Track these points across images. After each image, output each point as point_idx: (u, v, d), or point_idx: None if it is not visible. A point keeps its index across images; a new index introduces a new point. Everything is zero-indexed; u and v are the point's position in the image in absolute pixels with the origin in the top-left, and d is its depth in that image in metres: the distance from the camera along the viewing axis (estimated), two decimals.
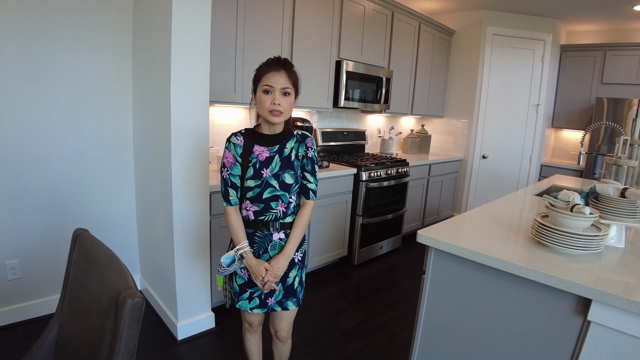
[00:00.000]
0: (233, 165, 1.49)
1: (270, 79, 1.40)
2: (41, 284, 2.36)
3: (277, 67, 1.42)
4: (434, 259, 1.52)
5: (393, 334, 2.47)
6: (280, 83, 1.40)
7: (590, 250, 1.36)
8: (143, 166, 2.46)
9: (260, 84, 1.42)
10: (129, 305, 0.82)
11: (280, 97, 1.41)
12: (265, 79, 1.41)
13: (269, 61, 1.45)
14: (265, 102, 1.41)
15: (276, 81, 1.40)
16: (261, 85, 1.42)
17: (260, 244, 1.53)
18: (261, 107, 1.43)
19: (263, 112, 1.43)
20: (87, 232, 1.25)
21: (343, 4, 3.23)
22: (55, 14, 2.16)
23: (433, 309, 1.54)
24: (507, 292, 1.33)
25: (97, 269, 1.06)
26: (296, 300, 1.60)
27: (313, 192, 1.54)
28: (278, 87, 1.40)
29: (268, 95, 1.40)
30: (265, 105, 1.41)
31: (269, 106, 1.40)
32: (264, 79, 1.41)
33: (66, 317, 1.18)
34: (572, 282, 1.14)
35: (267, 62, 1.44)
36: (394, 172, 3.55)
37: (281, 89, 1.41)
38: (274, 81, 1.40)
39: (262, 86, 1.41)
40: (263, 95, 1.41)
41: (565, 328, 1.20)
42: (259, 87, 1.42)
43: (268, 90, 1.40)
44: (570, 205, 1.46)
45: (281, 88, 1.41)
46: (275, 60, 1.44)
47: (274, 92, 1.40)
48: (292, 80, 1.44)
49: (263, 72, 1.42)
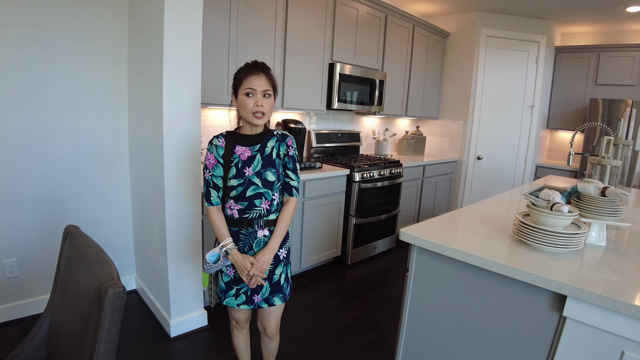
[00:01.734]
0: (215, 166, 1.54)
1: (251, 83, 1.45)
2: (38, 282, 2.41)
3: (257, 71, 1.47)
4: (416, 256, 1.55)
5: (383, 331, 2.51)
6: (261, 86, 1.46)
7: (570, 247, 1.39)
8: (138, 167, 2.52)
9: (241, 88, 1.47)
10: (110, 294, 0.87)
11: (262, 99, 1.47)
12: (247, 83, 1.46)
13: (247, 65, 1.50)
14: (248, 104, 1.46)
15: (257, 84, 1.46)
16: (243, 88, 1.47)
17: (245, 241, 1.57)
18: (244, 109, 1.48)
19: (246, 114, 1.48)
20: (77, 229, 1.30)
21: (336, 7, 3.28)
22: (52, 19, 2.22)
23: (417, 306, 1.58)
24: (487, 289, 1.36)
25: (85, 262, 1.11)
26: (282, 296, 1.64)
27: (295, 189, 1.59)
28: (260, 90, 1.46)
29: (250, 98, 1.46)
30: (248, 107, 1.46)
31: (252, 108, 1.46)
32: (245, 83, 1.46)
33: (57, 309, 1.22)
34: (548, 279, 1.17)
35: (246, 66, 1.50)
36: (387, 173, 3.59)
37: (262, 91, 1.46)
38: (256, 84, 1.45)
39: (244, 89, 1.46)
40: (245, 98, 1.46)
41: (542, 324, 1.23)
42: (240, 91, 1.47)
43: (250, 92, 1.46)
44: (550, 204, 1.50)
45: (262, 90, 1.46)
46: (254, 65, 1.50)
47: (255, 94, 1.46)
48: (272, 82, 1.51)
49: (243, 76, 1.48)
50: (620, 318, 1.07)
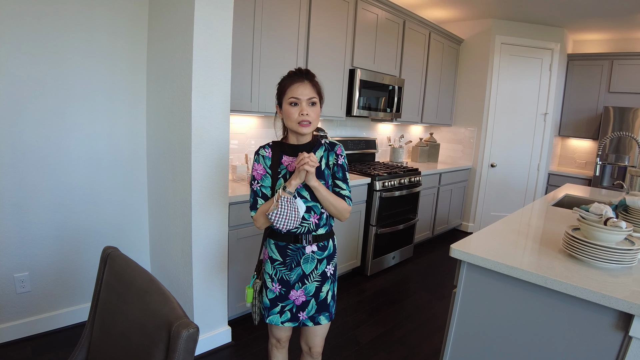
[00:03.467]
0: (264, 176, 1.46)
1: (295, 91, 1.38)
2: (51, 297, 2.28)
3: (300, 79, 1.40)
4: (466, 273, 1.49)
5: (413, 346, 2.42)
6: (306, 94, 1.39)
7: (625, 264, 1.34)
8: (157, 176, 2.40)
9: (285, 97, 1.40)
10: (183, 337, 0.76)
11: (308, 108, 1.39)
12: (291, 91, 1.39)
13: (291, 73, 1.43)
14: (293, 114, 1.38)
15: (302, 92, 1.38)
16: (287, 98, 1.39)
17: (293, 256, 1.48)
18: (289, 119, 1.40)
19: (291, 124, 1.40)
20: (117, 251, 1.19)
21: (357, 13, 3.20)
22: (69, 23, 2.10)
23: (464, 324, 1.51)
24: (545, 308, 1.30)
25: (135, 292, 1.00)
26: (329, 314, 1.55)
27: (348, 197, 1.49)
28: (304, 98, 1.38)
29: (295, 107, 1.38)
30: (293, 117, 1.38)
31: (298, 117, 1.38)
32: (289, 92, 1.39)
33: (97, 343, 1.11)
34: (615, 298, 1.12)
35: (289, 75, 1.43)
36: (407, 181, 3.51)
37: (307, 99, 1.39)
38: (300, 92, 1.38)
39: (289, 99, 1.39)
40: (290, 108, 1.39)
41: (605, 343, 1.18)
42: (285, 100, 1.40)
43: (295, 102, 1.38)
44: (603, 218, 1.43)
45: (307, 99, 1.39)
46: (298, 72, 1.42)
47: (300, 103, 1.38)
48: (317, 89, 1.43)
49: (287, 84, 1.40)
50: None
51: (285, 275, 1.49)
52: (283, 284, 1.50)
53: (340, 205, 1.44)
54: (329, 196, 1.41)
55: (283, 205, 1.33)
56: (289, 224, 1.35)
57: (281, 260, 1.49)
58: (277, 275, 1.50)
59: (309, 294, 1.51)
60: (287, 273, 1.49)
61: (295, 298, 1.50)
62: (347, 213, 1.47)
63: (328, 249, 1.53)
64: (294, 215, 1.35)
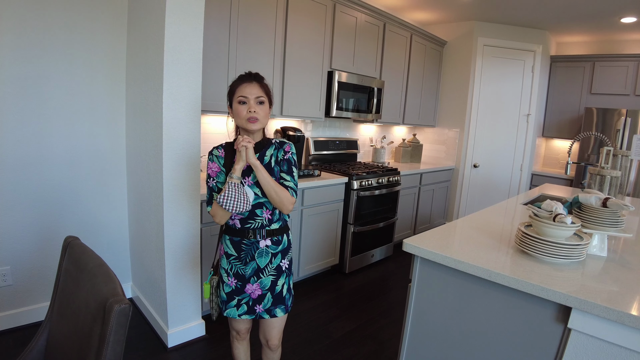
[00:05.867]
0: (219, 173, 1.54)
1: (244, 90, 1.48)
2: (32, 291, 2.36)
3: (249, 80, 1.50)
4: (419, 267, 1.55)
5: (382, 341, 2.49)
6: (253, 93, 1.48)
7: (573, 259, 1.39)
8: (135, 174, 2.49)
9: (235, 96, 1.49)
10: (115, 311, 0.85)
11: (256, 106, 1.48)
12: (239, 91, 1.48)
13: (240, 76, 1.53)
14: (242, 111, 1.47)
15: (250, 92, 1.47)
16: (236, 97, 1.49)
17: (247, 251, 1.55)
18: (238, 117, 1.49)
19: (240, 121, 1.49)
20: (77, 240, 1.27)
21: (335, 15, 3.29)
22: (51, 25, 2.20)
23: (419, 317, 1.57)
24: (490, 300, 1.35)
25: (87, 276, 1.09)
26: (284, 307, 1.62)
27: (292, 189, 1.53)
28: (252, 97, 1.47)
29: (244, 105, 1.47)
30: (242, 114, 1.47)
31: (246, 114, 1.47)
32: (237, 91, 1.49)
33: (55, 323, 1.19)
34: (553, 291, 1.16)
35: (239, 77, 1.53)
36: (385, 180, 3.59)
37: (255, 97, 1.48)
38: (248, 92, 1.47)
39: (237, 97, 1.48)
40: (239, 106, 1.48)
41: (547, 336, 1.23)
42: (234, 100, 1.49)
43: (243, 100, 1.47)
44: (553, 214, 1.50)
45: (255, 97, 1.48)
46: (247, 75, 1.52)
47: (249, 101, 1.47)
48: (265, 90, 1.52)
49: (236, 85, 1.50)
50: (625, 330, 1.07)
51: (240, 269, 1.57)
52: (239, 278, 1.57)
53: (282, 193, 1.48)
54: (270, 180, 1.46)
55: (231, 189, 1.41)
56: (238, 206, 1.41)
57: (236, 255, 1.57)
58: (233, 269, 1.57)
59: (264, 288, 1.58)
60: (242, 267, 1.56)
61: (252, 292, 1.57)
62: (289, 204, 1.51)
63: (282, 244, 1.60)
64: (243, 198, 1.42)
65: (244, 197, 1.43)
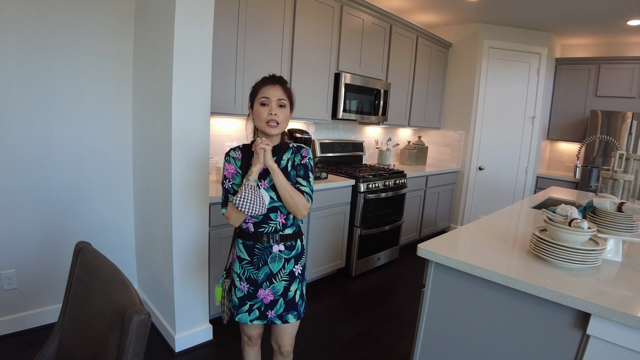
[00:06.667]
0: (235, 175, 1.52)
1: (266, 92, 1.46)
2: (37, 295, 2.34)
3: (272, 82, 1.48)
4: (434, 272, 1.53)
5: (390, 345, 2.47)
6: (276, 95, 1.46)
7: (589, 264, 1.38)
8: (142, 176, 2.47)
9: (257, 98, 1.47)
10: (135, 322, 0.82)
11: (277, 109, 1.46)
12: (262, 92, 1.46)
13: (264, 78, 1.51)
14: (263, 113, 1.45)
15: (272, 94, 1.46)
16: (258, 98, 1.47)
17: (260, 255, 1.53)
18: (258, 119, 1.47)
19: (260, 123, 1.47)
20: (89, 246, 1.25)
21: (342, 17, 3.27)
22: (56, 26, 2.18)
23: (433, 322, 1.55)
24: (506, 306, 1.33)
25: (100, 282, 1.06)
26: (297, 313, 1.60)
27: (307, 194, 1.51)
28: (274, 99, 1.45)
29: (265, 107, 1.45)
30: (262, 116, 1.45)
31: (266, 117, 1.45)
32: (260, 93, 1.47)
33: (67, 331, 1.17)
34: (571, 297, 1.14)
35: (262, 79, 1.51)
36: (392, 183, 3.57)
37: (277, 100, 1.46)
38: (270, 94, 1.45)
39: (259, 99, 1.46)
40: (260, 108, 1.46)
41: (564, 342, 1.21)
42: (256, 101, 1.47)
43: (265, 102, 1.45)
44: (568, 219, 1.48)
45: (277, 100, 1.46)
46: (271, 77, 1.51)
47: (270, 103, 1.45)
48: (287, 93, 1.50)
49: (259, 86, 1.49)
50: None
51: (253, 274, 1.54)
52: (251, 282, 1.55)
53: (298, 198, 1.46)
54: (287, 184, 1.44)
55: (247, 191, 1.38)
56: (253, 208, 1.38)
57: (249, 260, 1.54)
58: (245, 274, 1.55)
59: (277, 293, 1.55)
60: (254, 272, 1.54)
61: (264, 297, 1.55)
62: (304, 209, 1.49)
63: (296, 249, 1.58)
64: (259, 201, 1.39)
65: (259, 200, 1.40)
